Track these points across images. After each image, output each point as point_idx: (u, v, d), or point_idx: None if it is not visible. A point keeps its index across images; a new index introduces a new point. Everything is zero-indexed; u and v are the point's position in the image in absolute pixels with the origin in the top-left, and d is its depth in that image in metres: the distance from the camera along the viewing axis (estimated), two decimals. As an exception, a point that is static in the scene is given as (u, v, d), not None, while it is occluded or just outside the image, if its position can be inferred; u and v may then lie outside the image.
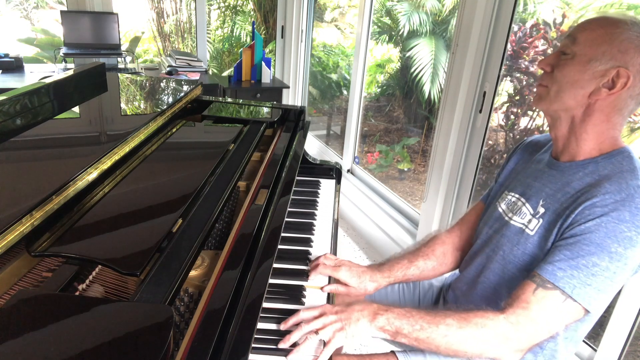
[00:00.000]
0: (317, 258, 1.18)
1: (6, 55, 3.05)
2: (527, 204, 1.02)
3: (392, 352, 1.14)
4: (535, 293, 0.89)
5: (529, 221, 1.00)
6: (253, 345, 0.83)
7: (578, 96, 0.92)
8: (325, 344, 0.92)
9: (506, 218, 1.06)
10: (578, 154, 0.97)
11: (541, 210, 0.98)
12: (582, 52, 0.91)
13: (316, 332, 0.92)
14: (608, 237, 0.85)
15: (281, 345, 0.90)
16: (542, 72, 0.98)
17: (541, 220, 0.97)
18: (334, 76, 5.02)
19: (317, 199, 1.54)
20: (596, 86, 0.90)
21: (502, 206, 1.10)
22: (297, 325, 0.94)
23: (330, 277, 1.15)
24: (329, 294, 1.11)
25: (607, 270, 0.85)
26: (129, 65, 3.32)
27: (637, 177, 0.88)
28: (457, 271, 1.30)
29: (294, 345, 0.91)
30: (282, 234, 1.15)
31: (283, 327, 0.94)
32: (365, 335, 0.94)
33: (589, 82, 0.91)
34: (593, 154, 0.95)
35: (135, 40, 5.67)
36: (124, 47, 4.02)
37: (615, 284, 0.87)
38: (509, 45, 1.83)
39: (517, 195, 1.07)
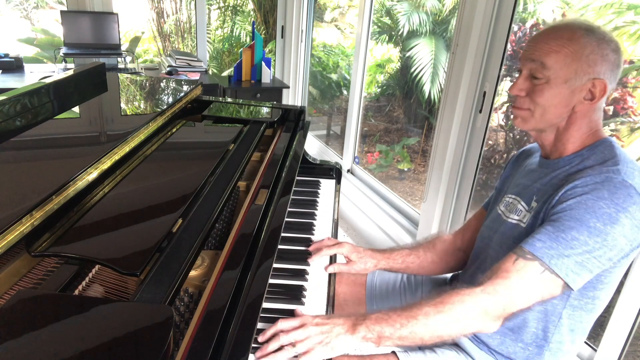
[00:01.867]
0: (319, 241, 1.27)
1: (6, 55, 3.05)
2: (522, 202, 1.07)
3: (393, 352, 1.15)
4: (515, 263, 0.91)
5: (524, 216, 1.04)
6: (253, 345, 0.83)
7: (563, 113, 0.98)
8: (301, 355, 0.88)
9: (504, 217, 1.11)
10: (565, 151, 1.03)
11: (534, 204, 1.02)
12: (555, 75, 0.95)
13: (293, 345, 0.88)
14: (587, 213, 0.88)
15: (257, 354, 0.87)
16: (516, 96, 1.02)
17: (532, 212, 1.02)
18: (334, 76, 5.02)
19: (317, 199, 1.54)
20: (578, 100, 0.96)
21: (502, 208, 1.14)
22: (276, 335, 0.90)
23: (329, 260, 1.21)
24: (329, 277, 1.16)
25: (585, 244, 0.87)
26: (129, 65, 3.32)
27: (616, 162, 0.93)
28: (458, 271, 1.31)
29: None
30: (282, 234, 1.16)
31: (261, 338, 0.90)
32: (346, 347, 0.90)
33: (570, 99, 0.97)
34: (578, 148, 1.01)
35: (135, 40, 5.68)
36: (124, 47, 4.02)
37: (597, 260, 0.88)
38: (509, 45, 1.83)
39: (513, 196, 1.11)
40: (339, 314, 0.97)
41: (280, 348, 0.88)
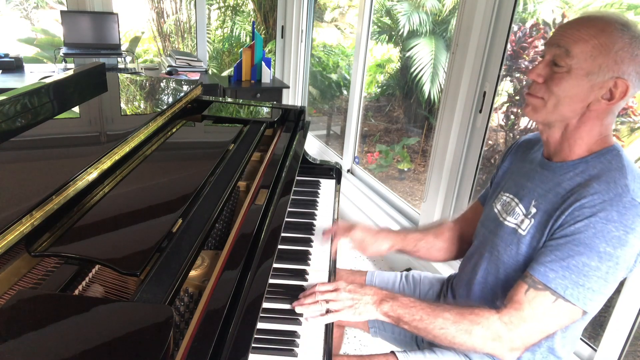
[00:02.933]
0: (329, 230, 1.28)
1: (6, 55, 3.05)
2: (520, 205, 1.03)
3: (392, 352, 1.15)
4: (527, 294, 0.90)
5: (522, 221, 1.00)
6: (253, 345, 0.83)
7: (577, 108, 0.92)
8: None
9: (501, 219, 1.07)
10: (570, 155, 0.97)
11: (533, 210, 0.99)
12: (578, 65, 0.89)
13: (327, 302, 1.01)
14: (596, 237, 0.85)
15: (295, 304, 1.02)
16: (533, 81, 0.97)
17: (533, 220, 0.98)
18: (334, 76, 5.02)
19: (317, 199, 1.54)
20: (595, 98, 0.90)
21: (498, 207, 1.11)
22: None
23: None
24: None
25: (597, 270, 0.85)
26: (129, 65, 3.32)
27: (625, 175, 0.89)
28: (454, 272, 1.31)
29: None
30: (282, 234, 1.16)
31: (301, 295, 1.05)
32: (370, 316, 1.02)
33: (587, 94, 0.90)
34: (583, 154, 0.96)
35: (135, 40, 5.67)
36: (124, 47, 4.02)
37: (610, 283, 0.87)
38: (509, 45, 1.83)
39: (510, 196, 1.08)
40: (370, 286, 1.06)
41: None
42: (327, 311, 1.01)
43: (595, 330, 1.64)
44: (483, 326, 0.92)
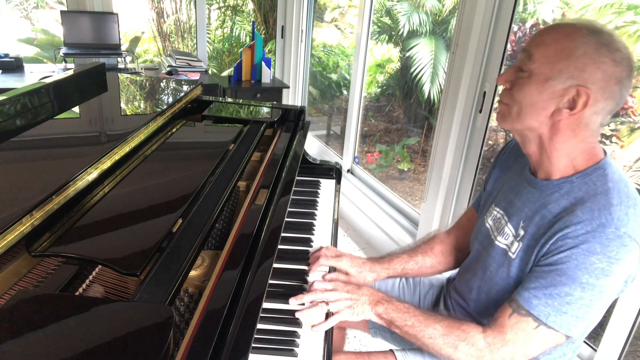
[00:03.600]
0: (318, 250, 1.22)
1: (6, 55, 3.05)
2: (509, 224, 1.01)
3: (391, 350, 1.15)
4: (510, 318, 0.91)
5: (511, 243, 0.99)
6: (253, 345, 0.83)
7: (540, 117, 0.89)
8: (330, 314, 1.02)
9: (492, 237, 1.06)
10: (553, 171, 0.94)
11: (521, 232, 0.97)
12: (539, 70, 0.86)
13: (326, 303, 1.03)
14: (578, 269, 0.84)
15: (292, 299, 1.04)
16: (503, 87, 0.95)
17: (521, 243, 0.96)
18: (334, 76, 5.02)
19: (317, 199, 1.54)
20: (556, 106, 0.86)
21: (490, 222, 1.09)
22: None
23: (329, 271, 1.19)
24: (329, 270, 1.17)
25: (581, 299, 0.84)
26: (129, 65, 3.32)
27: (609, 200, 0.84)
28: (453, 275, 1.31)
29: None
30: (282, 234, 1.16)
31: (293, 300, 1.05)
32: (365, 317, 1.04)
33: (548, 102, 0.87)
34: (568, 172, 0.92)
35: (135, 40, 5.67)
36: (124, 47, 4.02)
37: (595, 309, 0.86)
38: (509, 45, 1.83)
39: (501, 212, 1.06)
40: (367, 287, 1.08)
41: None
42: (327, 316, 1.01)
43: (595, 330, 1.63)
44: (468, 343, 0.93)
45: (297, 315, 1.00)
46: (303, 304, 1.04)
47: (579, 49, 0.83)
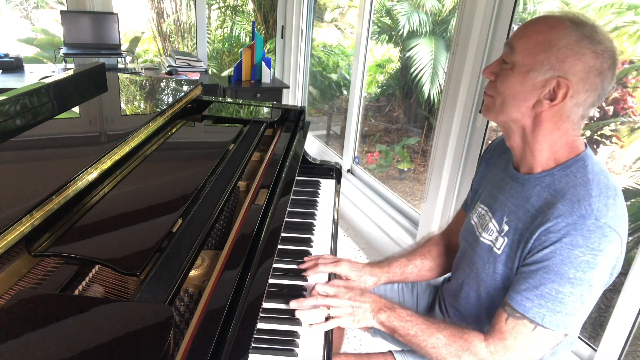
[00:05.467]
0: (315, 258, 1.20)
1: (6, 55, 3.05)
2: (493, 219, 1.02)
3: (390, 351, 1.15)
4: (507, 322, 0.90)
5: (496, 239, 0.99)
6: (253, 345, 0.83)
7: (522, 108, 0.90)
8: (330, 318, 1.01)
9: (477, 233, 1.06)
10: (535, 165, 0.95)
11: (505, 227, 0.97)
12: (521, 62, 0.87)
13: (327, 307, 1.01)
14: (564, 264, 0.84)
15: (292, 302, 1.02)
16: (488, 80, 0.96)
17: (506, 238, 0.96)
18: (334, 76, 5.02)
19: (317, 199, 1.54)
20: (537, 98, 0.87)
21: (475, 219, 1.09)
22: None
23: (329, 278, 1.17)
24: (329, 277, 1.16)
25: (571, 295, 0.84)
26: (129, 65, 3.32)
27: (589, 191, 0.85)
28: (446, 279, 1.31)
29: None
30: (282, 234, 1.16)
31: (294, 303, 1.02)
32: (367, 324, 1.02)
33: (530, 94, 0.88)
34: (550, 164, 0.93)
35: (135, 40, 5.67)
36: (124, 47, 4.02)
37: (586, 304, 0.86)
38: (509, 45, 1.83)
39: (485, 208, 1.06)
40: (370, 294, 1.06)
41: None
42: (327, 318, 1.01)
43: (595, 330, 1.63)
44: (471, 352, 0.92)
45: (297, 314, 1.00)
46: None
47: (560, 41, 0.83)
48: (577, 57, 0.83)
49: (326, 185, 1.64)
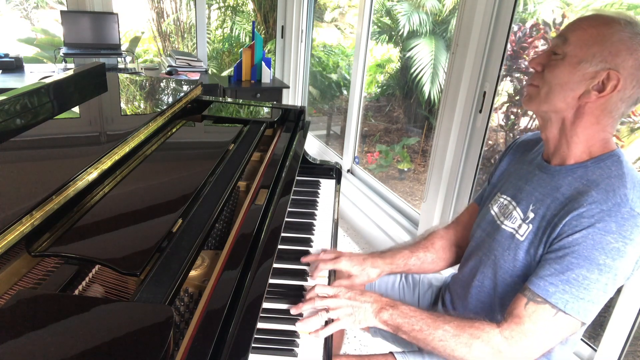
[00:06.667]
0: (316, 255, 1.20)
1: (6, 55, 3.05)
2: (517, 208, 1.02)
3: (391, 353, 1.15)
4: (526, 307, 0.89)
5: (519, 226, 0.99)
6: (253, 345, 0.83)
7: (568, 98, 0.91)
8: (330, 321, 0.98)
9: (498, 222, 1.06)
10: (568, 157, 0.96)
11: (531, 215, 0.97)
12: (573, 52, 0.89)
13: (327, 310, 0.99)
14: (595, 249, 0.84)
15: (292, 310, 1.00)
16: (534, 71, 0.97)
17: (530, 225, 0.96)
18: (334, 76, 5.02)
19: (317, 199, 1.54)
20: (586, 88, 0.89)
21: (495, 209, 1.09)
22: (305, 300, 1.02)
23: (329, 276, 1.16)
24: (329, 277, 1.15)
25: (597, 282, 0.84)
26: (129, 65, 3.32)
27: (624, 183, 0.87)
28: (454, 272, 1.31)
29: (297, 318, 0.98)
30: (282, 234, 1.16)
31: (293, 311, 1.00)
32: (369, 324, 1.00)
33: (578, 84, 0.89)
34: (583, 157, 0.94)
35: (135, 40, 5.67)
36: (124, 47, 4.02)
37: (608, 294, 0.86)
38: (509, 45, 1.83)
39: (508, 198, 1.06)
40: (371, 293, 1.03)
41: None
42: (326, 322, 0.99)
43: (595, 330, 1.64)
44: (483, 340, 0.90)
45: (296, 326, 0.97)
46: (302, 315, 1.00)
47: (614, 35, 0.86)
48: (630, 52, 0.85)
49: (326, 185, 1.64)
